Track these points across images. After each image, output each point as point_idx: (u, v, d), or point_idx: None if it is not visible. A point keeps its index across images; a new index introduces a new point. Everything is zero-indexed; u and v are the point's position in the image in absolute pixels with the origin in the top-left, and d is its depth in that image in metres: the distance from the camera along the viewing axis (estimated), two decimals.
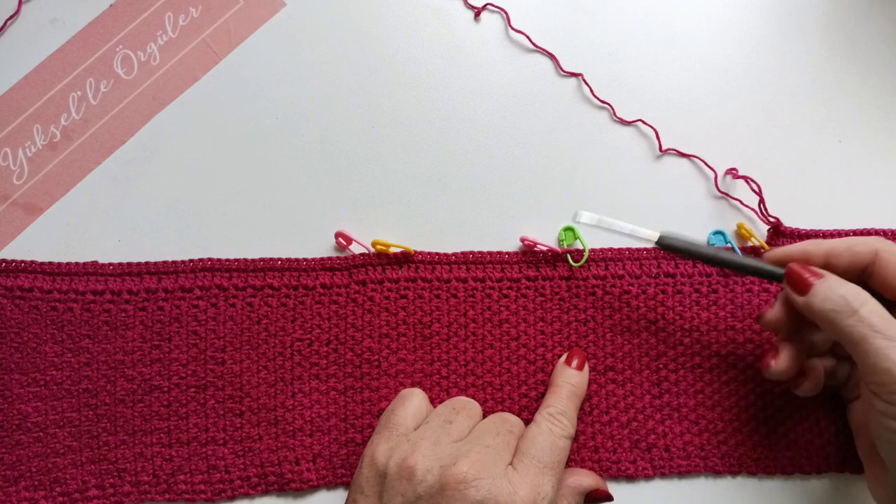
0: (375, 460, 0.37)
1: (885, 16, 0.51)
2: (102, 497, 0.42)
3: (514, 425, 0.39)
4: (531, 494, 0.35)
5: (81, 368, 0.43)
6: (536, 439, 0.38)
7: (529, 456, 0.37)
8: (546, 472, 0.36)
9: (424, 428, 0.39)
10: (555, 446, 0.38)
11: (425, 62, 0.49)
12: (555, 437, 0.38)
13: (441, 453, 0.36)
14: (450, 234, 0.47)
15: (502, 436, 0.38)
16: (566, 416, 0.39)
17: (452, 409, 0.40)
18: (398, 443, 0.38)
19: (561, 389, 0.41)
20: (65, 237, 0.45)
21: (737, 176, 0.47)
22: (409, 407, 0.40)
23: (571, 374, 0.42)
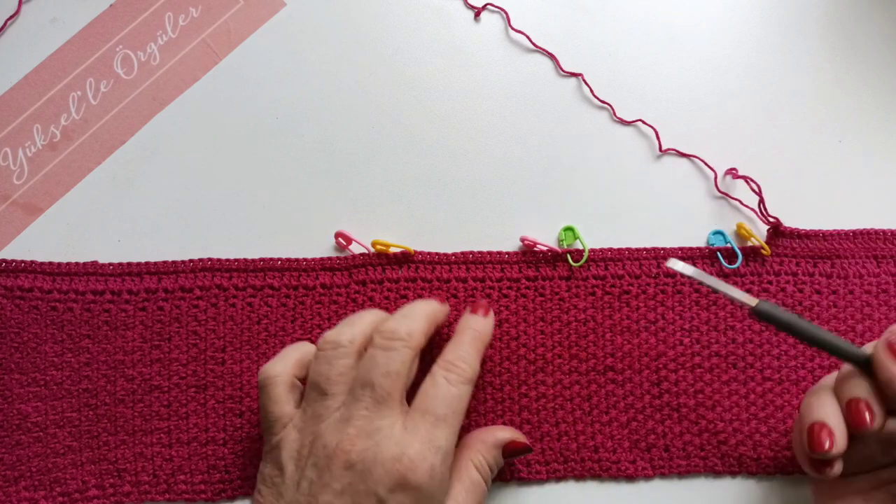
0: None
1: (885, 16, 0.51)
2: (102, 497, 0.42)
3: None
4: (420, 451, 0.34)
5: (81, 368, 0.43)
6: (429, 392, 0.36)
7: (419, 411, 0.35)
8: (438, 426, 0.35)
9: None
10: (448, 395, 0.36)
11: (425, 62, 0.49)
12: (449, 384, 0.36)
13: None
14: (450, 234, 0.47)
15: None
16: (465, 361, 0.37)
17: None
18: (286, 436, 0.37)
19: (462, 335, 0.39)
20: (65, 237, 0.45)
21: (737, 176, 0.47)
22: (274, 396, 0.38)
23: (474, 319, 0.40)
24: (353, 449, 0.34)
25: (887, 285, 0.46)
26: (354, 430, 0.34)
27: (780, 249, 0.46)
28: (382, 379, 0.35)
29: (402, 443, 0.34)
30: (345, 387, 0.36)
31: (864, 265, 0.46)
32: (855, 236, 0.46)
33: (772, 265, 0.46)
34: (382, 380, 0.35)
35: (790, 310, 0.45)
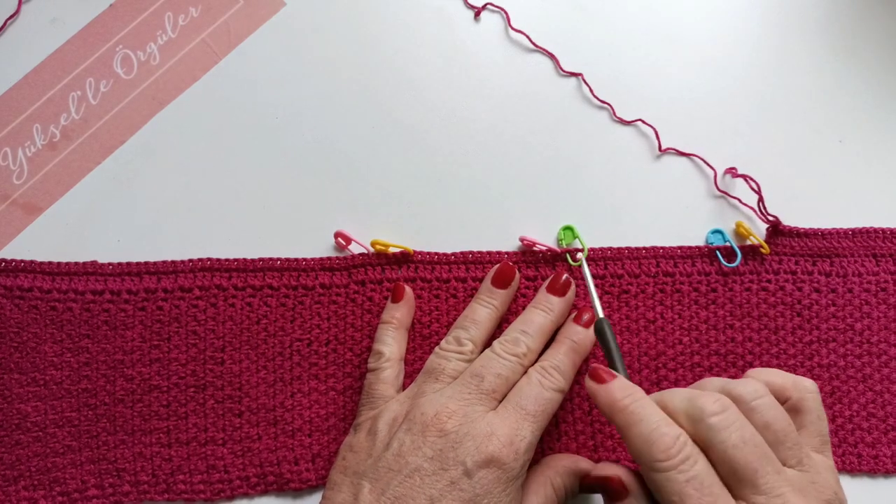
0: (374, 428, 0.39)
1: (885, 16, 0.51)
2: (102, 497, 0.42)
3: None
4: (509, 434, 0.36)
5: (81, 368, 0.43)
6: (523, 389, 0.38)
7: (513, 403, 0.37)
8: (527, 419, 0.37)
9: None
10: (541, 397, 0.38)
11: (425, 62, 0.49)
12: (543, 388, 0.38)
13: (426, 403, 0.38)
14: (449, 234, 0.47)
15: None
16: (559, 371, 0.39)
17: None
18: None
19: (561, 345, 0.41)
20: (64, 237, 0.45)
21: (736, 175, 0.47)
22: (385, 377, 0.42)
23: (576, 330, 0.42)
24: (449, 420, 0.36)
25: (886, 284, 0.46)
26: (454, 406, 0.37)
27: (780, 248, 0.46)
28: (493, 378, 0.38)
29: (493, 423, 0.36)
30: (456, 378, 0.39)
31: (863, 264, 0.46)
32: (854, 235, 0.46)
33: (771, 264, 0.46)
34: (493, 378, 0.38)
35: (790, 309, 0.45)
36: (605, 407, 0.34)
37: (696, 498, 0.30)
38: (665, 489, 0.31)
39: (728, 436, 0.32)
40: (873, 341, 0.45)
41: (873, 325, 0.45)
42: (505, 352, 0.39)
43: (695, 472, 0.31)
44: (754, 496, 0.31)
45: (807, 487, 0.32)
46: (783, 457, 0.33)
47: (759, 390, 0.34)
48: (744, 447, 0.32)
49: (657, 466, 0.31)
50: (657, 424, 0.32)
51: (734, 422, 0.32)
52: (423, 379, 0.40)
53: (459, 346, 0.41)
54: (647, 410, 0.33)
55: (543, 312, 0.42)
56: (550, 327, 0.42)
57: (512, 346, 0.40)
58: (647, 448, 0.32)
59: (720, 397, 0.33)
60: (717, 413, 0.32)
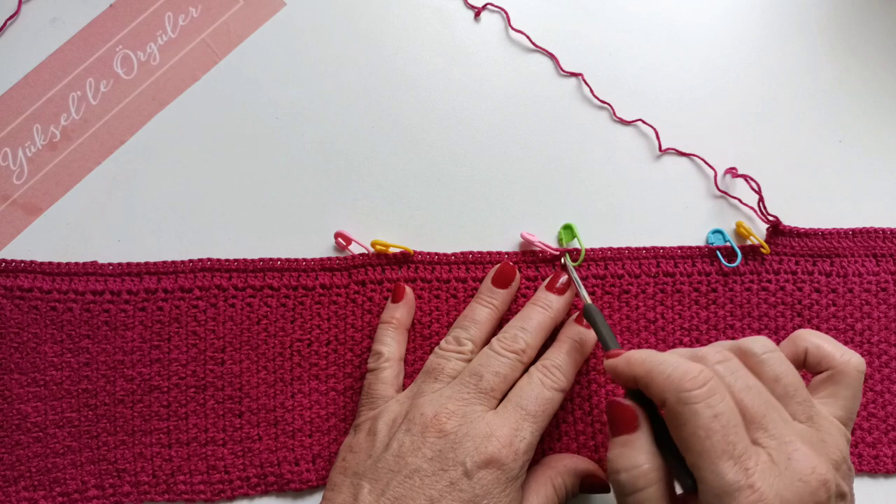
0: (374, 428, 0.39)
1: (884, 16, 0.51)
2: (102, 497, 0.42)
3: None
4: (509, 435, 0.36)
5: (81, 368, 0.43)
6: (524, 388, 0.38)
7: (513, 403, 0.37)
8: (527, 419, 0.37)
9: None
10: (541, 396, 0.38)
11: (425, 62, 0.49)
12: (544, 387, 0.38)
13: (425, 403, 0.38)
14: (449, 234, 0.47)
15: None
16: (561, 370, 0.39)
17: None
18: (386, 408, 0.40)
19: (563, 344, 0.41)
20: (65, 237, 0.45)
21: (736, 175, 0.47)
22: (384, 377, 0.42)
23: (578, 329, 0.42)
24: (448, 421, 0.36)
25: (886, 284, 0.46)
26: (454, 406, 0.37)
27: (780, 248, 0.46)
28: (491, 376, 0.38)
29: (492, 424, 0.36)
30: (455, 378, 0.39)
31: (864, 264, 0.46)
32: (854, 235, 0.46)
33: (771, 264, 0.46)
34: (491, 377, 0.38)
35: (790, 309, 0.45)
36: (626, 369, 0.34)
37: (722, 435, 0.30)
38: (691, 423, 0.30)
39: (734, 381, 0.32)
40: (873, 341, 0.45)
41: (873, 325, 0.45)
42: (503, 349, 0.39)
43: (722, 408, 0.30)
44: (767, 439, 0.31)
45: (816, 443, 0.32)
46: (792, 411, 0.33)
47: (767, 345, 0.34)
48: (750, 391, 0.32)
49: (685, 398, 0.31)
50: (679, 362, 0.32)
51: (737, 369, 0.33)
52: (422, 379, 0.40)
53: (459, 345, 0.41)
54: (666, 355, 0.33)
55: (542, 310, 0.42)
56: (549, 325, 0.42)
57: (510, 343, 0.40)
58: (672, 382, 0.31)
59: (721, 349, 0.34)
60: (721, 361, 0.33)
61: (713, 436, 0.30)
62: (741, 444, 0.30)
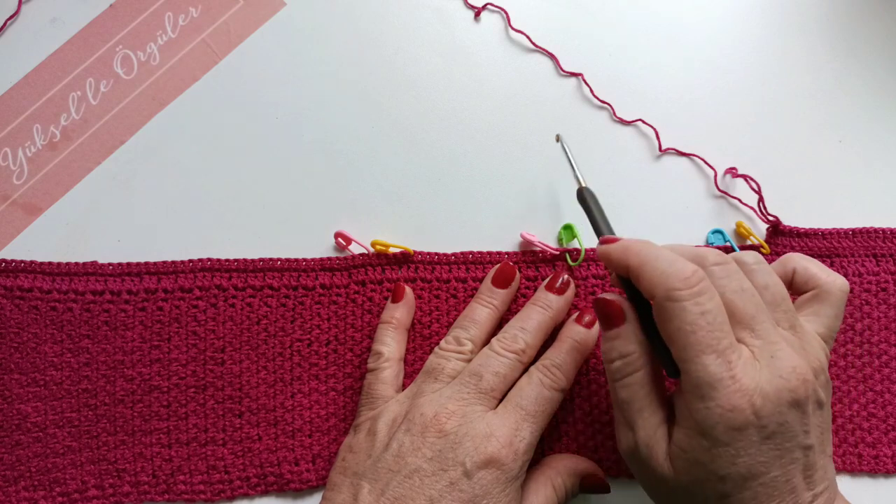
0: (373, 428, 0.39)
1: (884, 16, 0.51)
2: (102, 497, 0.42)
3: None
4: (508, 435, 0.36)
5: (81, 368, 0.43)
6: (523, 388, 0.38)
7: (513, 403, 0.38)
8: (527, 419, 0.37)
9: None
10: (541, 396, 0.38)
11: (425, 62, 0.49)
12: (543, 387, 0.38)
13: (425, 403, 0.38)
14: (449, 234, 0.47)
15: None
16: (561, 370, 0.39)
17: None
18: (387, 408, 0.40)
19: (563, 343, 0.41)
20: (65, 237, 0.45)
21: (736, 175, 0.47)
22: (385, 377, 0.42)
23: (578, 330, 0.42)
24: (448, 421, 0.36)
25: (886, 284, 0.46)
26: (453, 407, 0.37)
27: (780, 248, 0.46)
28: (491, 376, 0.38)
29: (492, 424, 0.36)
30: (455, 378, 0.39)
31: (864, 264, 0.46)
32: (854, 235, 0.46)
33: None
34: (491, 377, 0.38)
35: None
36: (620, 255, 0.35)
37: (707, 331, 0.31)
38: (678, 318, 0.31)
39: (728, 282, 0.33)
40: (873, 341, 0.45)
41: (873, 325, 0.45)
42: (503, 349, 0.39)
43: (709, 306, 0.31)
44: (752, 339, 0.32)
45: (798, 349, 0.33)
46: (777, 318, 0.34)
47: (758, 257, 0.36)
48: (742, 294, 0.33)
49: (674, 295, 0.31)
50: (675, 259, 0.33)
51: (734, 272, 0.34)
52: (422, 379, 0.40)
53: (459, 345, 0.41)
54: (663, 250, 0.34)
55: (542, 309, 0.42)
56: (549, 324, 0.42)
57: (510, 343, 0.39)
58: (664, 279, 0.32)
59: (720, 252, 0.35)
60: (719, 263, 0.34)
61: (699, 331, 0.31)
62: (726, 340, 0.31)
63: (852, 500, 0.44)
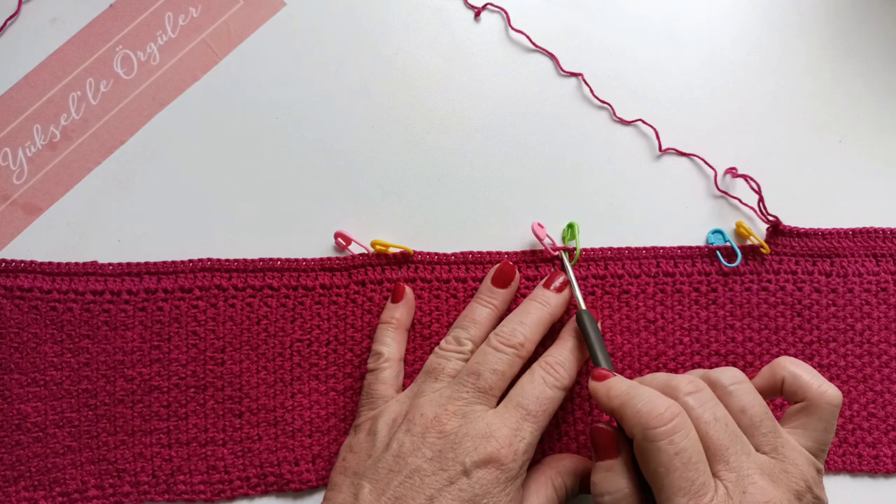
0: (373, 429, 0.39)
1: (885, 16, 0.51)
2: (102, 497, 0.42)
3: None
4: (508, 435, 0.36)
5: (81, 368, 0.43)
6: (525, 387, 0.38)
7: (514, 402, 0.37)
8: (528, 419, 0.37)
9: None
10: (543, 395, 0.38)
11: (425, 62, 0.49)
12: (546, 385, 0.38)
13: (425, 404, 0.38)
14: (449, 234, 0.47)
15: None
16: (564, 367, 0.39)
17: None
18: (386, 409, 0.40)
19: (565, 341, 0.41)
20: (65, 237, 0.45)
21: (736, 175, 0.47)
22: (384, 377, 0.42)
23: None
24: (448, 421, 0.37)
25: (886, 284, 0.46)
26: (453, 407, 0.37)
27: (780, 248, 0.46)
28: (489, 374, 0.38)
29: (492, 423, 0.36)
30: (455, 377, 0.39)
31: (864, 264, 0.46)
32: (854, 235, 0.46)
33: (771, 264, 0.46)
34: (489, 375, 0.38)
35: (790, 309, 0.45)
36: (605, 397, 0.35)
37: (681, 472, 0.31)
38: (654, 459, 0.32)
39: (702, 413, 0.33)
40: (874, 341, 0.45)
41: (873, 326, 0.45)
42: (501, 343, 0.39)
43: (684, 444, 0.32)
44: (726, 472, 0.32)
45: (777, 474, 0.33)
46: (757, 442, 0.34)
47: (737, 376, 0.36)
48: (716, 424, 0.33)
49: (650, 435, 0.32)
50: (651, 396, 0.33)
51: (707, 400, 0.34)
52: (422, 379, 0.40)
53: (459, 345, 0.40)
54: (641, 389, 0.34)
55: (540, 305, 0.42)
56: (548, 320, 0.41)
57: (509, 337, 0.39)
58: (640, 418, 0.33)
59: (694, 379, 0.35)
60: (692, 392, 0.34)
61: (673, 472, 0.31)
62: (700, 480, 0.31)
63: (852, 500, 0.44)
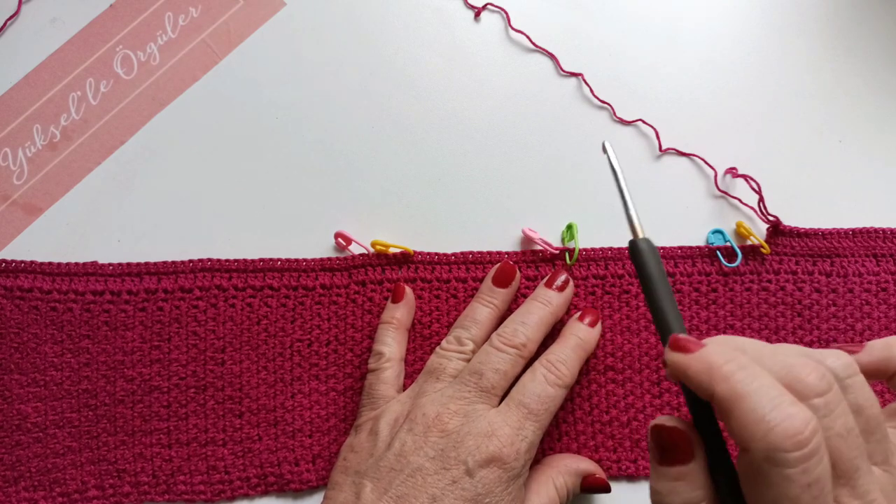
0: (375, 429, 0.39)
1: (885, 16, 0.51)
2: (102, 497, 0.42)
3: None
4: (510, 434, 0.36)
5: (81, 369, 0.43)
6: (527, 386, 0.38)
7: (516, 401, 0.37)
8: (529, 418, 0.37)
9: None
10: (545, 393, 0.38)
11: (425, 62, 0.49)
12: (547, 384, 0.38)
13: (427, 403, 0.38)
14: (449, 234, 0.47)
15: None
16: (565, 365, 0.39)
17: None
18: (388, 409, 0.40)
19: (567, 340, 0.41)
20: (65, 237, 0.45)
21: (736, 175, 0.47)
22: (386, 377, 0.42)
23: (581, 327, 0.42)
24: (450, 420, 0.37)
25: (886, 284, 0.46)
26: (455, 407, 0.37)
27: (780, 248, 0.46)
28: (491, 374, 0.38)
29: (494, 423, 0.36)
30: (456, 377, 0.39)
31: (864, 264, 0.46)
32: (854, 235, 0.46)
33: (771, 264, 0.46)
34: (491, 374, 0.38)
35: (790, 309, 0.45)
36: (703, 376, 0.26)
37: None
38: (777, 488, 0.24)
39: (833, 422, 0.25)
40: None
41: (874, 326, 0.45)
42: (504, 343, 0.39)
43: (818, 473, 0.24)
44: (849, 499, 0.25)
45: (890, 492, 0.26)
46: (870, 450, 0.27)
47: (849, 364, 0.27)
48: (848, 437, 0.25)
49: (779, 459, 0.23)
50: (779, 401, 0.24)
51: (839, 405, 0.25)
52: (424, 379, 0.40)
53: (460, 345, 0.41)
54: (760, 381, 0.25)
55: (542, 305, 0.42)
56: (549, 320, 0.41)
57: (510, 338, 0.39)
58: (766, 432, 0.24)
59: (824, 372, 0.26)
60: (823, 393, 0.25)
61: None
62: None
63: None
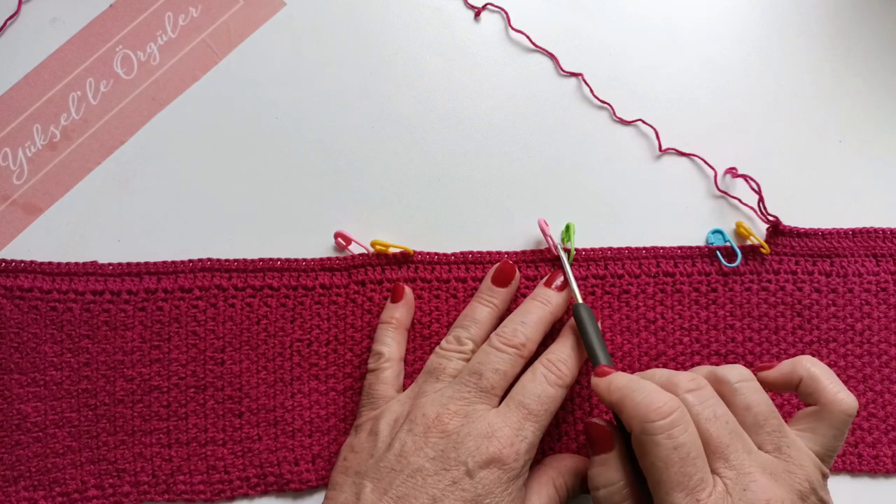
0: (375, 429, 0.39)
1: (885, 16, 0.51)
2: (102, 497, 0.42)
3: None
4: (510, 435, 0.36)
5: (81, 368, 0.43)
6: (527, 386, 0.38)
7: (516, 401, 0.37)
8: (529, 418, 0.37)
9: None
10: (544, 393, 0.37)
11: (425, 62, 0.49)
12: (547, 383, 0.38)
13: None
14: (449, 234, 0.47)
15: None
16: (566, 364, 0.39)
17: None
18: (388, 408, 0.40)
19: (566, 339, 0.41)
20: (65, 237, 0.45)
21: (736, 175, 0.47)
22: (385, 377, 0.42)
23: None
24: (450, 421, 0.37)
25: (886, 284, 0.46)
26: (455, 407, 0.37)
27: (780, 248, 0.46)
28: (491, 374, 0.38)
29: (494, 423, 0.36)
30: (456, 377, 0.39)
31: (864, 264, 0.46)
32: (854, 235, 0.46)
33: (771, 264, 0.46)
34: (491, 374, 0.38)
35: (790, 309, 0.45)
36: (605, 391, 0.35)
37: (679, 467, 0.31)
38: (652, 452, 0.32)
39: (702, 409, 0.33)
40: (874, 341, 0.45)
41: (873, 326, 0.45)
42: (503, 343, 0.39)
43: (682, 440, 0.32)
44: (726, 469, 0.32)
45: (780, 474, 0.33)
46: (761, 441, 0.34)
47: (744, 374, 0.36)
48: (716, 421, 0.33)
49: (648, 428, 0.32)
50: (651, 390, 0.33)
51: (708, 398, 0.34)
52: (423, 379, 0.40)
53: (460, 345, 0.40)
54: (642, 383, 0.34)
55: (541, 304, 0.41)
56: (549, 320, 0.41)
57: (510, 338, 0.39)
58: (639, 411, 0.33)
59: (696, 376, 0.35)
60: (692, 390, 0.34)
61: (671, 467, 0.31)
62: (697, 475, 0.32)
63: (852, 500, 0.44)
